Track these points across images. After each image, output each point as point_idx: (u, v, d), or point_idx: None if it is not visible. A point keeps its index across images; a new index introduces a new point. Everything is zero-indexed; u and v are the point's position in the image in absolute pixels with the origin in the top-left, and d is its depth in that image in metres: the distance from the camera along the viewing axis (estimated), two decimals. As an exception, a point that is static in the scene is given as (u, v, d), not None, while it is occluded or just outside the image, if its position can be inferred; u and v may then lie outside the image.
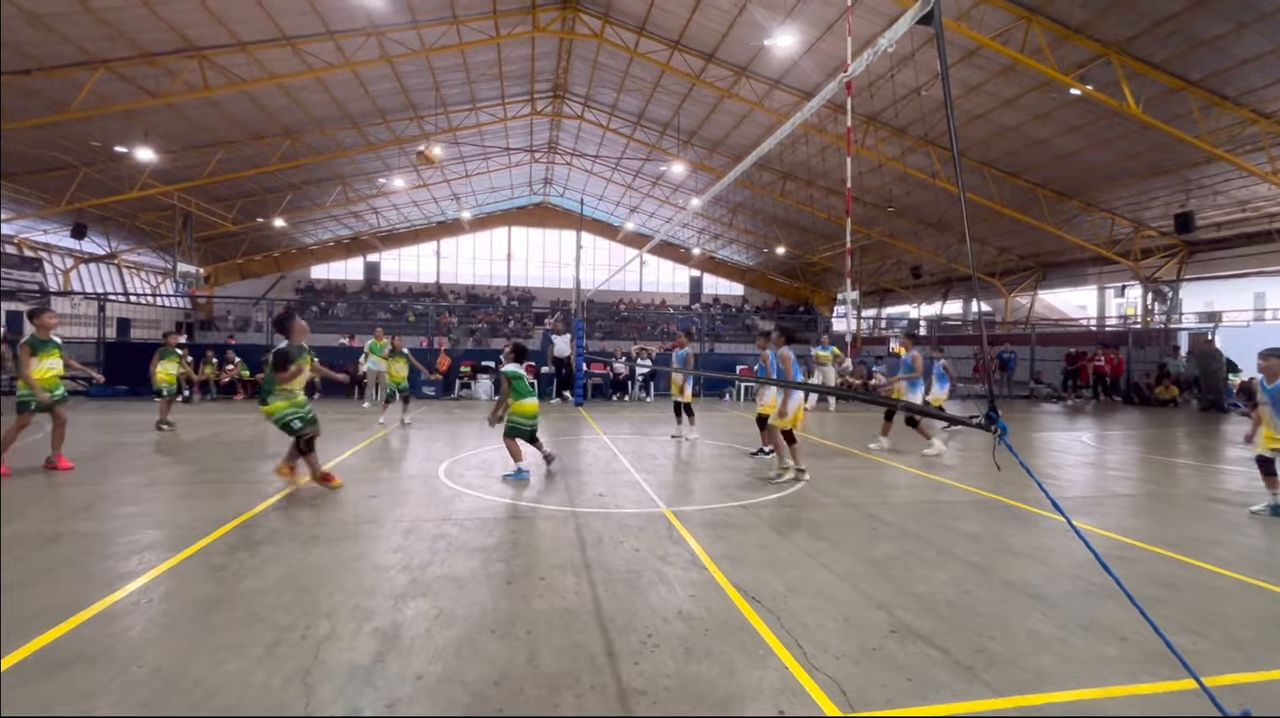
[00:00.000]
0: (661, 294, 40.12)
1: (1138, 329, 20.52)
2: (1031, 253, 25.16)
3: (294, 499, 5.49)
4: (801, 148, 20.00)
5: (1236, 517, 5.48)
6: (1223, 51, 12.08)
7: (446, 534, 4.54)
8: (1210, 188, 17.22)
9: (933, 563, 4.11)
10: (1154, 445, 9.82)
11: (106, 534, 4.37)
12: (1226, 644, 3.03)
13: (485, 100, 22.34)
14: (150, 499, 5.38)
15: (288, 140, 20.39)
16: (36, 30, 12.50)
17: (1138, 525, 5.16)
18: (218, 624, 3.03)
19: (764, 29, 14.93)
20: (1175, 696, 2.57)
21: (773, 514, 5.27)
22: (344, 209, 29.50)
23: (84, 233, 21.71)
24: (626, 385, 16.95)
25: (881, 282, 33.76)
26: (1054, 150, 17.28)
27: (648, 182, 29.52)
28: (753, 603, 3.39)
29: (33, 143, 16.40)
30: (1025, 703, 2.50)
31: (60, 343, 6.51)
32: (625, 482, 6.45)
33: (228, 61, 15.22)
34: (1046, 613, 3.35)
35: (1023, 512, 5.48)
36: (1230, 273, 19.59)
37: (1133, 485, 6.83)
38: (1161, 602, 3.50)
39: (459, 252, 38.38)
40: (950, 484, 6.64)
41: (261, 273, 34.29)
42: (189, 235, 24.35)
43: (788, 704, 2.45)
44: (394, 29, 15.77)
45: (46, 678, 2.52)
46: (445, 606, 3.30)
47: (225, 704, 2.37)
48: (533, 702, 2.44)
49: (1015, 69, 13.89)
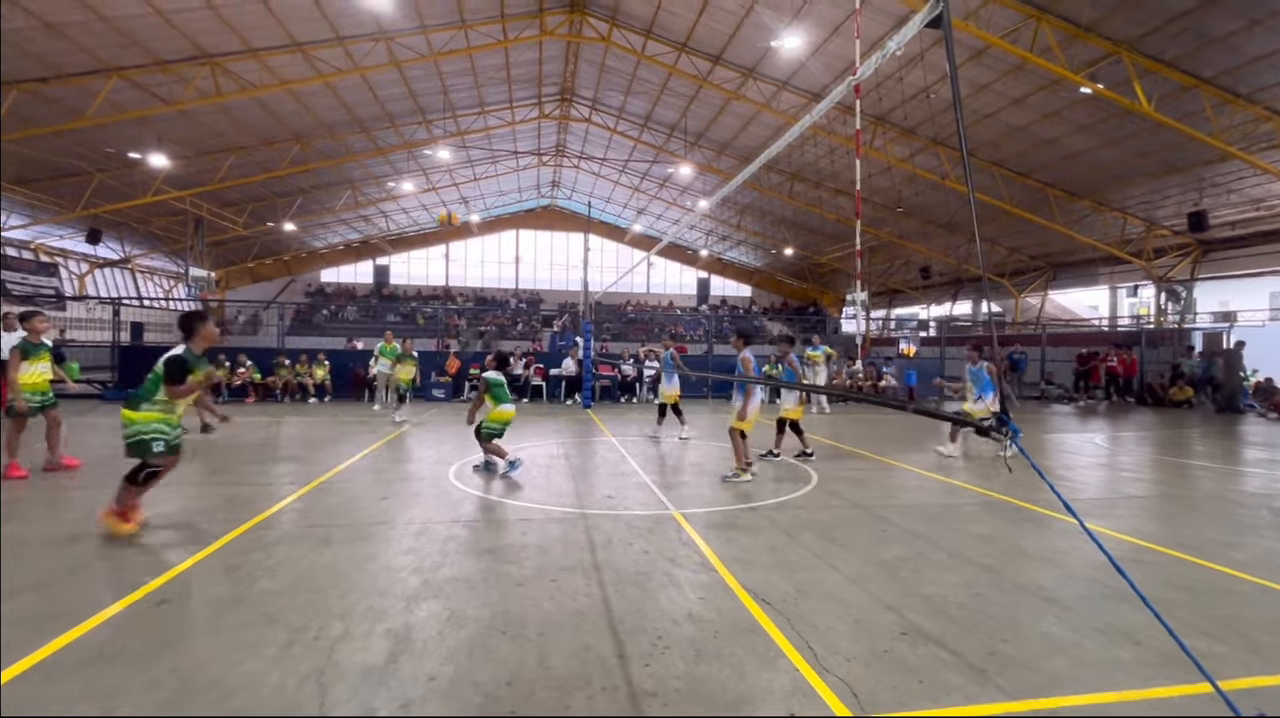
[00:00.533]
0: (669, 296, 40.13)
1: (1150, 329, 20.33)
2: (1042, 253, 24.99)
3: (308, 501, 5.53)
4: (810, 149, 19.98)
5: (1253, 519, 5.42)
6: (1235, 48, 11.97)
7: (457, 536, 4.57)
8: (1224, 186, 17.04)
9: (943, 565, 4.09)
10: (1168, 447, 9.72)
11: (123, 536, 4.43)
12: (1243, 648, 3.00)
13: (493, 104, 22.47)
14: (163, 501, 5.43)
15: (298, 145, 20.59)
16: (53, 39, 12.71)
17: (1152, 528, 5.11)
18: (233, 625, 3.07)
19: (771, 30, 14.93)
20: (1190, 699, 2.55)
21: (782, 516, 5.26)
22: (353, 213, 29.74)
23: (99, 238, 22.00)
24: (634, 388, 16.96)
25: (890, 282, 33.63)
26: (1064, 149, 17.16)
27: (655, 184, 29.56)
28: (763, 605, 3.39)
29: (49, 149, 16.66)
30: (1039, 707, 2.48)
31: (49, 346, 6.56)
32: (634, 484, 6.46)
33: (239, 68, 15.41)
34: (1060, 616, 3.32)
35: (1035, 514, 5.45)
36: (1245, 272, 19.37)
37: (1146, 487, 6.77)
38: (1177, 605, 3.47)
39: (468, 255, 38.59)
40: (960, 486, 6.60)
41: (272, 276, 34.61)
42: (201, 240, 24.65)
43: (799, 706, 2.45)
44: (402, 34, 15.90)
45: (68, 677, 2.57)
46: (457, 607, 3.32)
47: (242, 705, 2.40)
48: (544, 703, 2.45)
49: (1024, 68, 13.81)
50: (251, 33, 14.38)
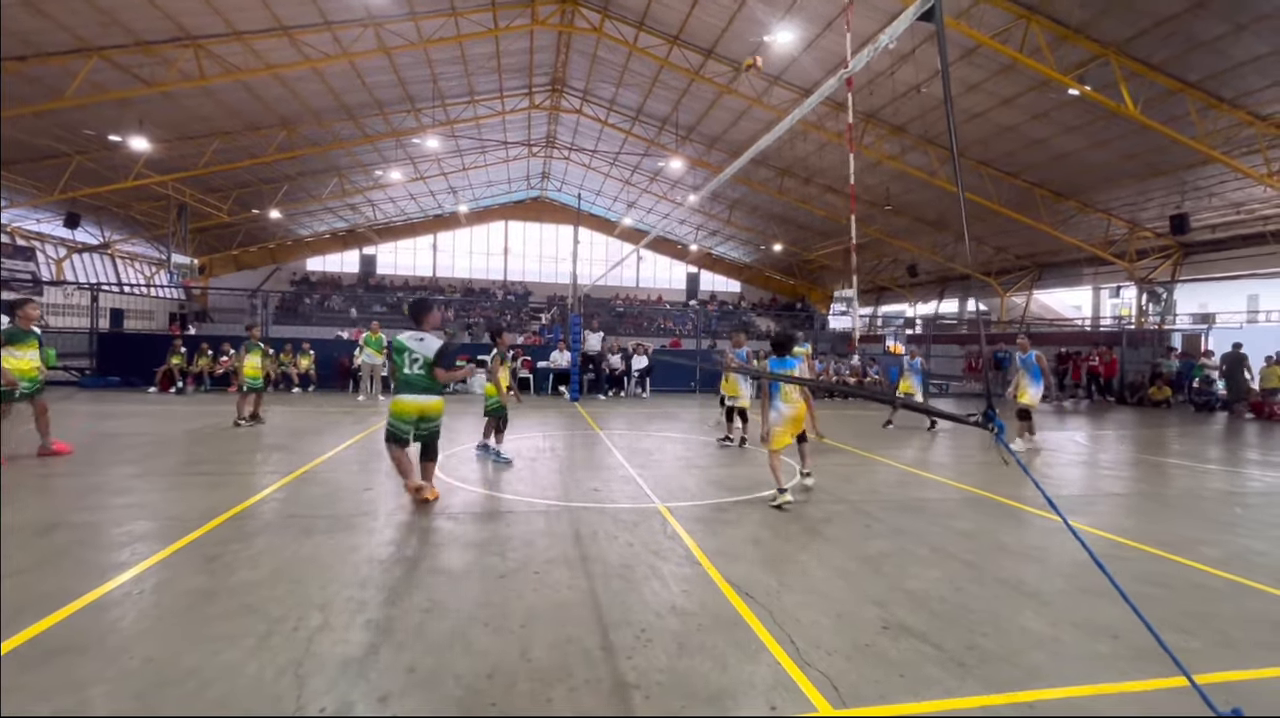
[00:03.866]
0: (658, 290, 40.09)
1: (1131, 330, 20.61)
2: (1028, 252, 25.23)
3: (290, 491, 5.47)
4: (800, 144, 19.99)
5: (1228, 516, 5.51)
6: (1221, 53, 12.10)
7: (441, 528, 4.54)
8: (1206, 189, 17.28)
9: (926, 560, 4.12)
10: (1146, 445, 9.87)
11: (100, 524, 4.35)
12: (1218, 643, 3.06)
13: (483, 93, 22.23)
14: (143, 490, 5.35)
15: (284, 131, 20.27)
16: (33, 17, 12.38)
17: (1130, 524, 5.19)
18: (211, 615, 3.02)
19: (763, 25, 14.89)
20: (1166, 693, 2.59)
21: (766, 511, 5.28)
22: (340, 202, 29.36)
23: (77, 222, 21.56)
24: (623, 381, 16.94)
25: (878, 279, 33.81)
26: (1052, 150, 17.30)
27: (646, 177, 29.45)
28: (746, 599, 3.40)
29: (27, 130, 16.26)
30: (1017, 700, 2.51)
31: (39, 334, 6.51)
32: (620, 477, 6.45)
33: (224, 51, 15.10)
34: (1039, 611, 3.36)
35: (1016, 510, 5.51)
36: (1224, 274, 19.68)
37: (1125, 485, 6.87)
38: (1153, 600, 3.52)
39: (455, 245, 38.26)
40: (943, 482, 6.66)
41: (257, 264, 34.10)
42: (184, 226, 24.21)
43: (780, 700, 2.46)
44: (392, 20, 15.67)
45: (39, 667, 2.51)
46: (439, 599, 3.29)
47: (218, 696, 2.36)
48: (525, 695, 2.44)
49: (1014, 68, 13.89)
50: (236, 15, 14.09)
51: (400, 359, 5.16)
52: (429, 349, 5.16)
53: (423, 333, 5.23)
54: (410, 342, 5.17)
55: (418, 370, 5.14)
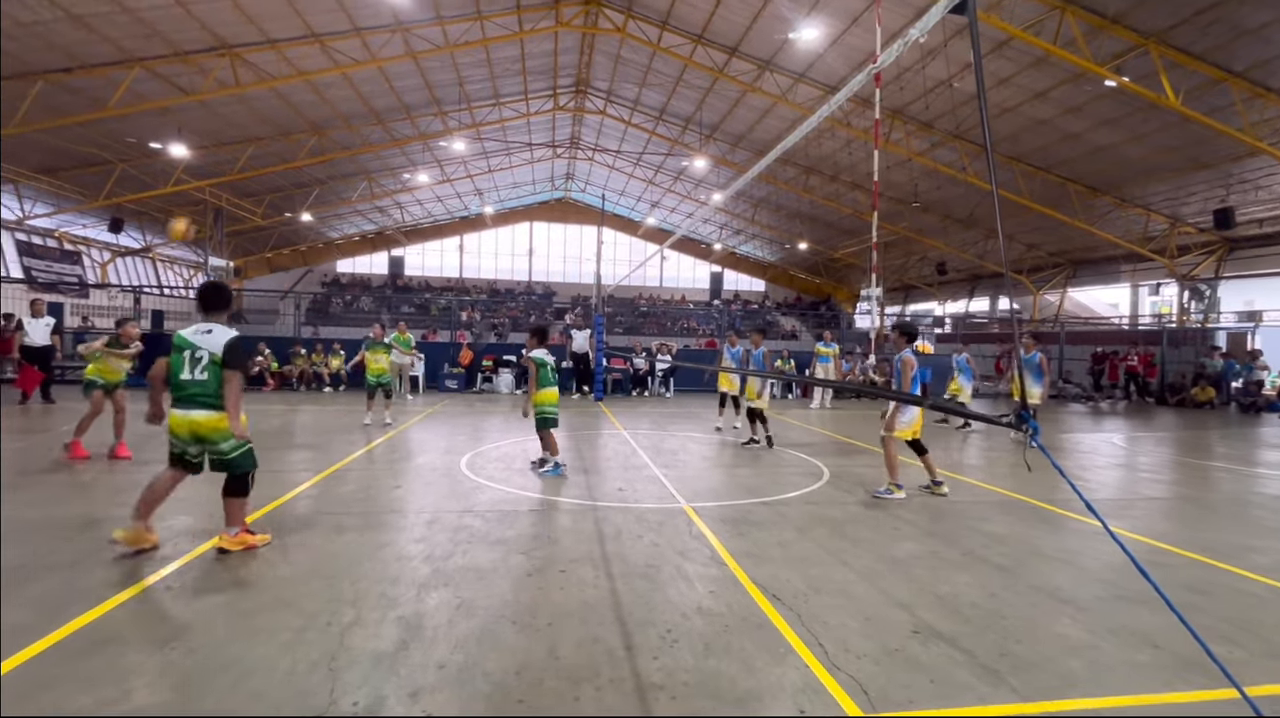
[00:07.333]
0: (682, 290, 39.98)
1: (1173, 328, 19.94)
2: (1061, 249, 24.57)
3: (322, 488, 5.58)
4: (826, 142, 19.74)
5: (1273, 521, 5.30)
6: (1267, 41, 11.63)
7: (468, 526, 4.59)
8: (1252, 183, 16.63)
9: (957, 564, 4.04)
10: (1188, 448, 9.55)
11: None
12: (1263, 653, 2.94)
13: (508, 95, 22.44)
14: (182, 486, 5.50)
15: (315, 136, 20.72)
16: (77, 30, 12.86)
17: (1169, 529, 5.02)
18: (247, 609, 3.10)
19: (788, 22, 14.75)
20: (1211, 704, 2.50)
21: (793, 512, 5.23)
22: (369, 204, 29.90)
23: (120, 227, 22.30)
24: (646, 381, 16.95)
25: (906, 278, 33.26)
26: (1087, 144, 16.82)
27: (669, 177, 29.41)
28: (773, 600, 3.38)
29: (73, 139, 16.89)
30: (1053, 709, 2.45)
31: (134, 352, 7.51)
32: (645, 477, 6.46)
33: (258, 59, 15.51)
34: (1075, 617, 3.28)
35: (1049, 513, 5.37)
36: (1272, 271, 18.91)
37: (1164, 488, 6.65)
38: (1195, 608, 3.40)
39: (481, 246, 38.68)
40: (974, 484, 6.52)
41: (289, 266, 34.92)
42: (220, 229, 24.90)
43: (808, 703, 2.44)
44: (419, 25, 15.91)
45: (85, 657, 2.61)
46: (467, 596, 3.33)
47: (255, 688, 2.42)
48: (552, 693, 2.45)
49: (1048, 61, 13.53)
50: (270, 24, 14.46)
51: (178, 361, 3.87)
52: (215, 344, 3.87)
53: (211, 324, 3.98)
54: (194, 336, 3.90)
55: (198, 375, 3.82)
